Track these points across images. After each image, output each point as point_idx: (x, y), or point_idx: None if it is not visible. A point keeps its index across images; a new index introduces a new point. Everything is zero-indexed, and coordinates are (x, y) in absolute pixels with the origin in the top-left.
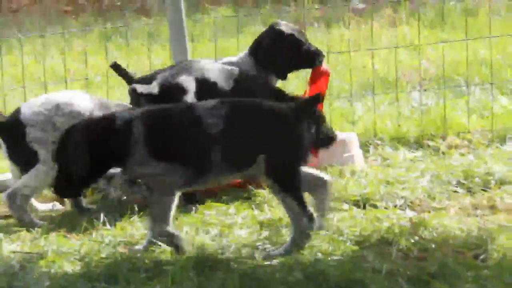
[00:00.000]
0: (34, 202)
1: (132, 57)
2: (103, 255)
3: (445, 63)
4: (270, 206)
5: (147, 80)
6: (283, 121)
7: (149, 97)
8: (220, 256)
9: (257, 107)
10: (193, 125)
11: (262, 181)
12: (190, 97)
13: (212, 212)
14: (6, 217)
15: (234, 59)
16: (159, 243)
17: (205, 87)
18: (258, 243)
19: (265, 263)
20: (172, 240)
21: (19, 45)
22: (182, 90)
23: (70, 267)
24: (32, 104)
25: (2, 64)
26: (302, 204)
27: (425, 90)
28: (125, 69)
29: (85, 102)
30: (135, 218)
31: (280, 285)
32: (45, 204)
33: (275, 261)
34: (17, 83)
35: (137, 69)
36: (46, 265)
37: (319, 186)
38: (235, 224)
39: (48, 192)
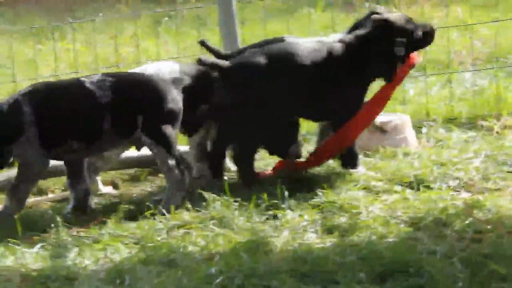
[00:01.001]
0: (100, 184)
1: (182, 41)
2: (158, 239)
3: (497, 43)
4: (322, 189)
5: (233, 55)
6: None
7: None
8: (273, 239)
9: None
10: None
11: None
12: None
13: (264, 195)
14: (61, 201)
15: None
16: (213, 226)
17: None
18: (310, 226)
19: (319, 245)
20: None
21: (71, 31)
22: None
23: (126, 250)
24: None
25: (56, 50)
26: (174, 158)
27: (478, 71)
28: (211, 46)
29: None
30: (187, 203)
31: (333, 268)
32: (107, 187)
33: (328, 243)
34: (71, 68)
35: (187, 53)
36: (103, 248)
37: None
38: (288, 207)
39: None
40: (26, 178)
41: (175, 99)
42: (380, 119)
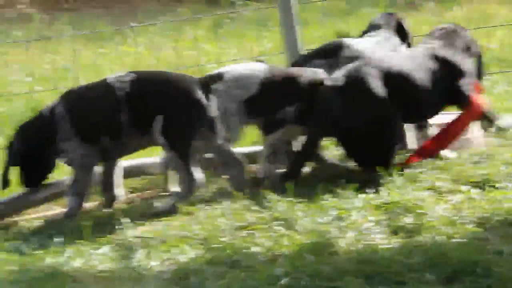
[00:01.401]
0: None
1: (242, 43)
2: (222, 240)
3: None
4: (387, 189)
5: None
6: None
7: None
8: (338, 240)
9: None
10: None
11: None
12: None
13: (329, 195)
14: (129, 203)
15: None
16: (277, 227)
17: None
18: (375, 227)
19: (384, 246)
20: None
21: (132, 34)
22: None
23: (192, 251)
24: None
25: (118, 54)
26: (186, 163)
27: None
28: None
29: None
30: (250, 203)
31: (400, 269)
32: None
33: (394, 244)
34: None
35: (246, 55)
36: (168, 249)
37: (232, 165)
38: (352, 208)
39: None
40: (77, 174)
41: (198, 102)
42: (446, 118)
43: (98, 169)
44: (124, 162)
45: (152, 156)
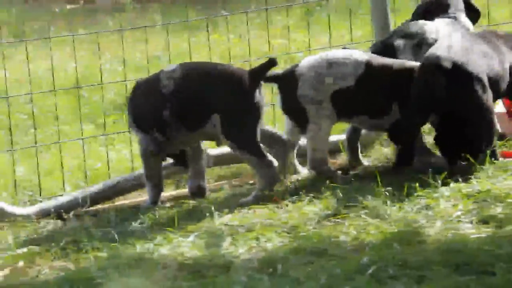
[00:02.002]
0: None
1: (333, 31)
2: (309, 228)
3: None
4: (477, 178)
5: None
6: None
7: None
8: (426, 229)
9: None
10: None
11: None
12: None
13: (416, 185)
14: (217, 190)
15: None
16: (364, 216)
17: None
18: (464, 216)
19: (473, 236)
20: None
21: (224, 23)
22: None
23: (279, 239)
24: (309, 59)
25: (209, 43)
26: (259, 156)
27: None
28: None
29: (356, 58)
30: (337, 191)
31: (489, 259)
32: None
33: (483, 234)
34: (223, 60)
35: (337, 43)
36: (255, 237)
37: (278, 144)
38: (441, 197)
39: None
40: (143, 164)
41: (252, 96)
42: None
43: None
44: (213, 151)
45: None
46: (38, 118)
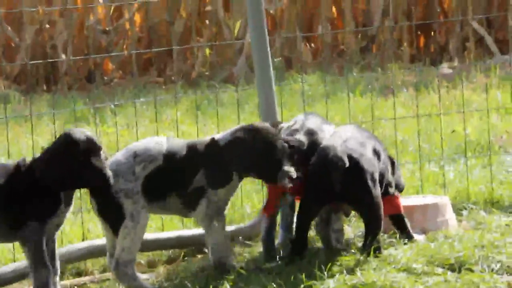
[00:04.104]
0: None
1: (222, 125)
2: None
3: None
4: (362, 270)
5: None
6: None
7: None
8: None
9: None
10: None
11: None
12: None
13: (303, 275)
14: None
15: None
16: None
17: None
18: None
19: None
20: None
21: (112, 115)
22: None
23: None
24: (116, 154)
25: (98, 134)
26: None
27: None
28: None
29: (158, 146)
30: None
31: None
32: None
33: None
34: (111, 151)
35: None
36: None
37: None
38: None
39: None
40: None
41: None
42: (420, 201)
43: None
44: None
45: None
46: None
